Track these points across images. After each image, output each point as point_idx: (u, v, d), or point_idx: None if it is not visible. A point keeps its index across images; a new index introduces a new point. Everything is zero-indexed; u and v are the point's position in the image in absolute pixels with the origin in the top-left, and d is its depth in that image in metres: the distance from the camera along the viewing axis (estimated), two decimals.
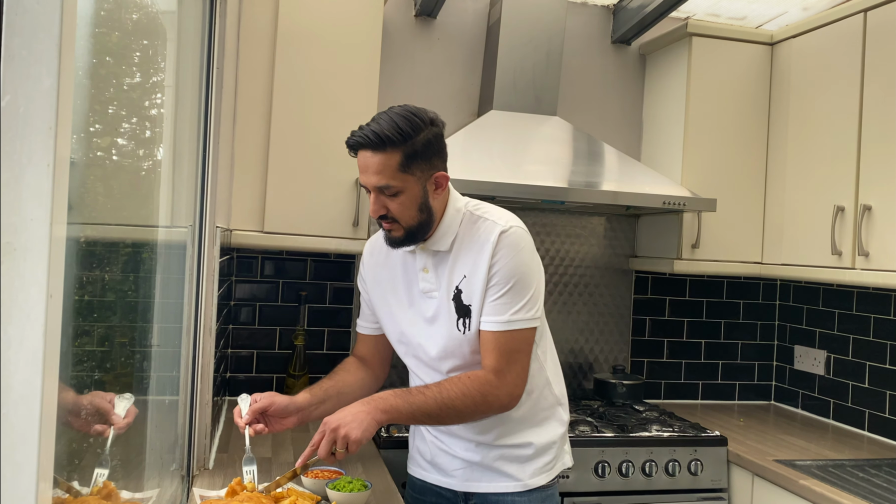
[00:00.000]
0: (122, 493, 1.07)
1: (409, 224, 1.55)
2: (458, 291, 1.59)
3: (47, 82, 0.56)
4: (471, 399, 1.52)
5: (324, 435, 1.45)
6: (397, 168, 1.49)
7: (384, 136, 1.48)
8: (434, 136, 1.54)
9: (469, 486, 1.67)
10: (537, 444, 1.66)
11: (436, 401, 1.51)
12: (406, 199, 1.52)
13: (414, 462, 1.81)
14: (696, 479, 2.29)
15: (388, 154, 1.49)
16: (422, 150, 1.51)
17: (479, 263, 1.56)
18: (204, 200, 1.68)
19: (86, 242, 0.90)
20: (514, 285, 1.55)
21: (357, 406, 1.48)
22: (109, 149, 1.05)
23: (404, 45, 2.75)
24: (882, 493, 1.93)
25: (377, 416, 1.47)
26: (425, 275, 1.63)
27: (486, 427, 1.63)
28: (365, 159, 1.52)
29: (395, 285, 1.69)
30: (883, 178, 2.22)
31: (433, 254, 1.62)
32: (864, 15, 2.32)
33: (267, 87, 2.27)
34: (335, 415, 1.47)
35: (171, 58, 1.39)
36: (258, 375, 2.61)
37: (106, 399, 0.97)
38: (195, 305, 1.67)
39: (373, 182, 1.52)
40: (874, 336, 2.60)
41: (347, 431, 1.43)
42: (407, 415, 1.51)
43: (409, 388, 1.55)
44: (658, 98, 2.87)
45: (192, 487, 1.63)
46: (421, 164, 1.52)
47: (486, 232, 1.58)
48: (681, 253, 2.64)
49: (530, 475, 1.65)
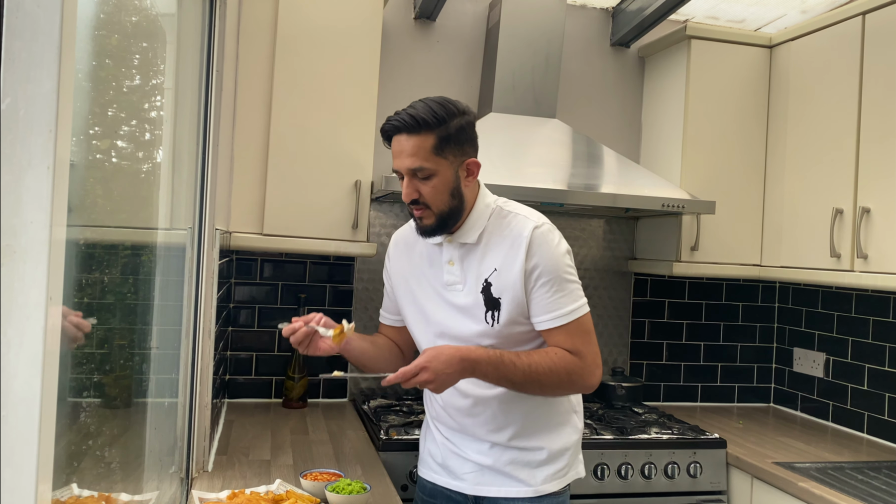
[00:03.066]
0: (120, 495, 1.07)
1: (440, 209, 1.58)
2: (488, 284, 1.60)
3: (47, 85, 0.56)
4: (556, 375, 1.55)
5: (417, 374, 1.47)
6: (431, 150, 1.54)
7: (420, 118, 1.54)
8: (467, 124, 1.60)
9: (479, 489, 1.66)
10: (550, 449, 1.65)
11: (524, 373, 1.53)
12: (439, 182, 1.56)
13: (424, 464, 1.81)
14: (696, 481, 2.29)
15: (422, 137, 1.54)
16: (455, 134, 1.56)
17: (513, 258, 1.59)
18: (203, 202, 1.68)
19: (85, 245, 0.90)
20: (560, 279, 1.59)
21: (454, 364, 1.49)
22: (109, 151, 1.05)
23: (404, 47, 2.75)
24: (881, 495, 1.93)
25: (466, 376, 1.52)
26: (451, 267, 1.65)
27: (501, 426, 1.63)
28: (400, 143, 1.57)
29: (420, 277, 1.70)
30: (881, 180, 2.23)
31: (459, 246, 1.64)
32: (862, 18, 2.32)
33: (266, 89, 2.28)
34: (436, 361, 1.48)
35: (170, 60, 1.39)
36: (257, 378, 2.61)
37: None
38: (194, 308, 1.67)
39: (407, 164, 1.55)
40: (873, 338, 2.60)
41: (434, 386, 1.49)
42: (492, 381, 1.55)
43: (502, 356, 1.53)
44: (657, 100, 2.87)
45: (192, 490, 1.63)
46: (454, 148, 1.57)
47: (518, 227, 1.61)
48: (680, 255, 2.64)
49: (542, 481, 1.64)
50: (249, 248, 2.29)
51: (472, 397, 1.64)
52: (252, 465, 1.87)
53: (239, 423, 2.29)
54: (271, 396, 2.62)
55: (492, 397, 1.63)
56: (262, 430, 2.22)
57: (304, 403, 2.55)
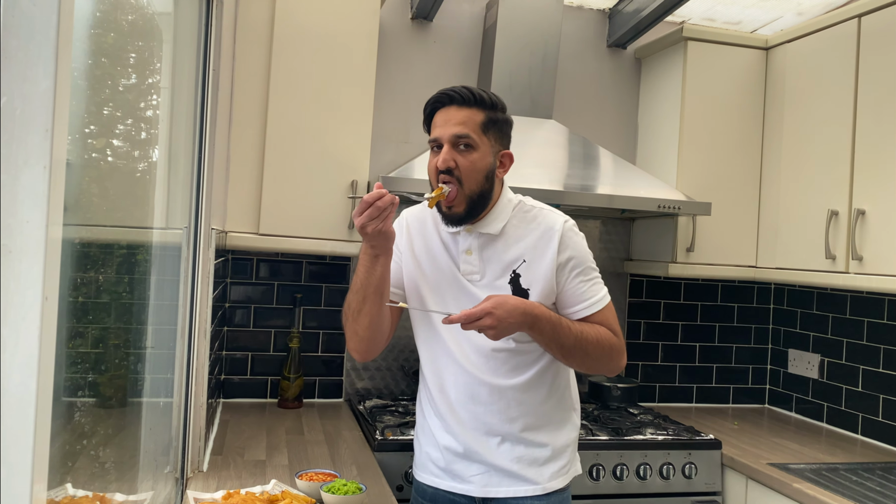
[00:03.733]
0: (115, 495, 1.07)
1: (471, 189, 1.58)
2: (517, 275, 1.62)
3: (44, 84, 0.56)
4: (601, 348, 1.60)
5: (481, 318, 1.46)
6: (479, 125, 1.58)
7: (476, 94, 1.59)
8: (508, 120, 1.65)
9: (489, 491, 1.65)
10: (554, 445, 1.67)
11: (576, 338, 1.57)
12: (478, 158, 1.58)
13: (424, 469, 1.75)
14: (691, 482, 2.30)
15: (473, 111, 1.59)
16: (500, 122, 1.62)
17: (543, 250, 1.61)
18: (199, 202, 1.68)
19: (81, 244, 0.90)
20: (589, 269, 1.65)
21: (517, 314, 1.49)
22: (105, 150, 1.04)
23: (400, 47, 2.75)
24: (875, 496, 1.94)
25: (524, 329, 1.52)
26: (468, 257, 1.64)
27: (514, 416, 1.63)
28: (448, 113, 1.59)
29: (436, 261, 1.68)
30: (877, 182, 2.23)
31: (479, 236, 1.64)
32: (858, 20, 2.33)
33: (263, 89, 2.27)
34: (501, 308, 1.47)
35: (167, 59, 1.39)
36: (253, 378, 2.61)
37: None
38: (190, 307, 1.67)
39: (453, 131, 1.57)
40: (868, 340, 2.61)
41: (494, 333, 1.48)
42: (546, 339, 1.56)
43: (560, 318, 1.56)
44: (653, 102, 2.88)
45: (186, 490, 1.62)
46: (497, 133, 1.62)
47: (547, 221, 1.64)
48: (675, 256, 2.65)
49: (549, 478, 1.65)
50: (245, 248, 2.29)
51: (488, 385, 1.63)
52: (247, 465, 1.87)
53: (234, 423, 2.28)
54: (267, 396, 2.62)
55: (507, 387, 1.63)
56: (258, 430, 2.22)
57: (299, 403, 2.55)
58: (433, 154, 1.61)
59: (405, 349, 2.73)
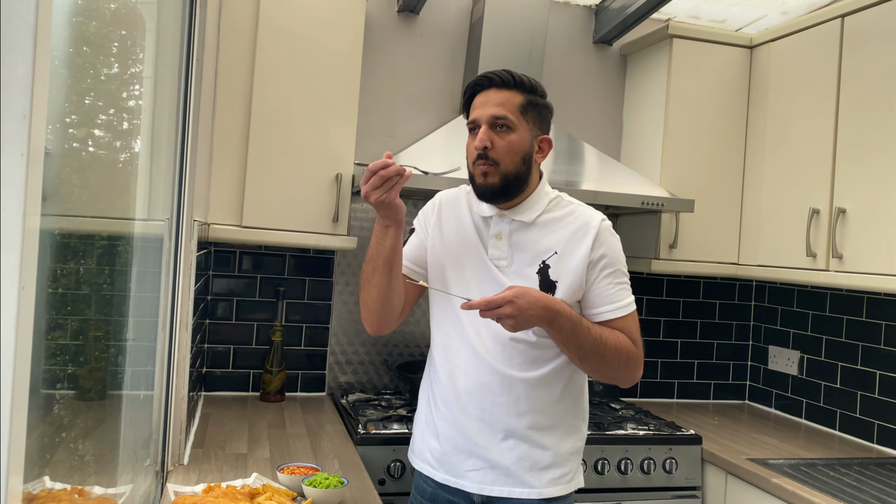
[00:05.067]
0: (94, 488, 1.06)
1: (507, 169, 1.58)
2: (545, 266, 1.60)
3: (22, 69, 0.55)
4: (619, 355, 1.56)
5: (500, 306, 1.43)
6: (518, 107, 1.58)
7: (516, 76, 1.59)
8: (547, 106, 1.65)
9: (482, 488, 1.61)
10: (557, 451, 1.62)
11: (594, 341, 1.54)
12: (516, 139, 1.58)
13: (420, 457, 1.73)
14: (671, 477, 2.32)
15: (512, 93, 1.59)
16: (540, 106, 1.62)
17: (576, 245, 1.59)
18: (182, 193, 1.67)
19: (61, 235, 0.89)
20: (621, 272, 1.63)
21: (538, 308, 1.46)
22: (86, 140, 1.03)
23: (386, 40, 2.74)
24: (852, 491, 1.97)
25: (543, 325, 1.49)
26: (497, 242, 1.64)
27: (522, 411, 1.60)
28: (487, 96, 1.59)
29: (465, 243, 1.67)
30: (857, 181, 2.26)
31: (510, 222, 1.63)
32: (841, 20, 2.35)
33: (247, 80, 2.26)
34: (522, 299, 1.44)
35: (149, 49, 1.37)
36: (234, 371, 2.59)
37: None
38: (172, 300, 1.66)
39: (492, 112, 1.57)
40: (846, 337, 2.64)
41: (513, 323, 1.45)
42: (565, 338, 1.52)
43: (581, 318, 1.54)
44: (638, 99, 2.89)
45: (167, 483, 1.61)
46: (535, 117, 1.61)
47: (584, 217, 1.63)
48: (658, 253, 2.66)
49: (546, 483, 1.61)
50: (228, 241, 2.28)
51: (500, 375, 1.60)
52: (228, 458, 1.86)
53: (215, 416, 2.27)
54: (249, 390, 2.61)
55: (520, 380, 1.60)
56: (239, 423, 2.21)
57: (281, 397, 2.54)
58: (470, 137, 1.62)
59: (388, 343, 2.73)
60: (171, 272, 1.64)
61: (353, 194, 2.39)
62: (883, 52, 2.20)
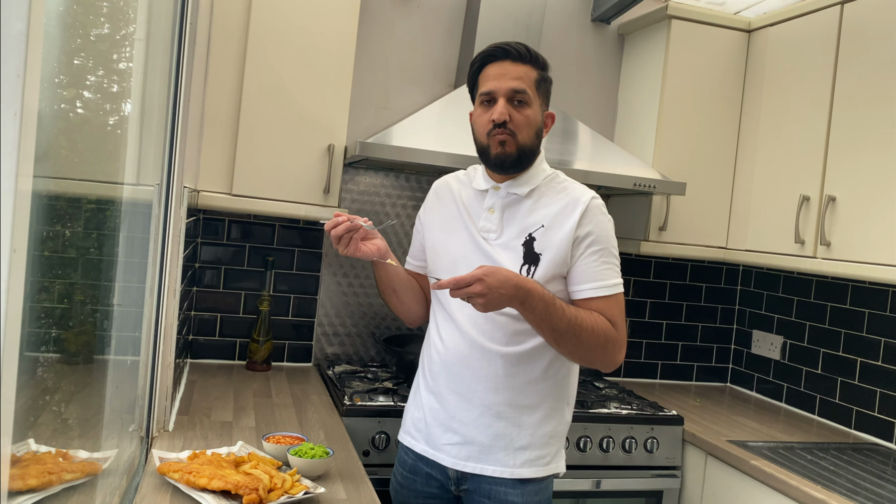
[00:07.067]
0: (78, 452, 1.06)
1: (523, 142, 1.60)
2: (531, 238, 1.60)
3: (17, 27, 0.54)
4: (596, 337, 1.54)
5: (470, 285, 1.42)
6: (533, 82, 1.61)
7: (532, 52, 1.61)
8: (551, 81, 1.68)
9: (456, 463, 1.62)
10: (535, 433, 1.61)
11: (569, 322, 1.51)
12: (531, 114, 1.60)
13: (404, 428, 1.76)
14: (652, 456, 2.34)
15: (528, 67, 1.61)
16: (549, 81, 1.66)
17: (563, 219, 1.59)
18: (172, 160, 1.65)
19: (48, 197, 0.87)
20: (608, 252, 1.61)
21: (509, 287, 1.45)
22: (74, 101, 1.01)
23: (383, 11, 2.70)
24: (828, 475, 2.00)
25: (514, 305, 1.48)
26: (489, 215, 1.65)
27: (499, 386, 1.59)
28: (503, 67, 1.59)
29: (456, 221, 1.70)
30: (848, 170, 2.26)
31: (506, 195, 1.65)
32: (840, 7, 2.34)
33: (241, 45, 2.22)
34: (492, 277, 1.43)
35: (142, 10, 1.34)
36: (221, 339, 2.59)
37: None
38: (160, 266, 1.64)
39: (511, 85, 1.58)
40: (830, 324, 2.67)
41: (483, 301, 1.44)
42: (538, 318, 1.50)
43: (554, 298, 1.52)
44: (634, 79, 2.87)
45: (151, 449, 1.61)
46: (544, 93, 1.65)
47: (576, 193, 1.64)
48: (648, 235, 2.67)
49: (521, 464, 1.60)
50: (217, 208, 2.26)
51: (480, 348, 1.60)
52: (214, 426, 1.86)
53: (201, 383, 2.27)
54: (235, 358, 2.61)
55: (500, 354, 1.59)
56: (225, 391, 2.21)
57: (268, 366, 2.54)
58: (482, 108, 1.62)
59: (376, 316, 2.73)
60: (159, 238, 1.63)
61: (346, 166, 2.37)
62: (881, 42, 2.19)
